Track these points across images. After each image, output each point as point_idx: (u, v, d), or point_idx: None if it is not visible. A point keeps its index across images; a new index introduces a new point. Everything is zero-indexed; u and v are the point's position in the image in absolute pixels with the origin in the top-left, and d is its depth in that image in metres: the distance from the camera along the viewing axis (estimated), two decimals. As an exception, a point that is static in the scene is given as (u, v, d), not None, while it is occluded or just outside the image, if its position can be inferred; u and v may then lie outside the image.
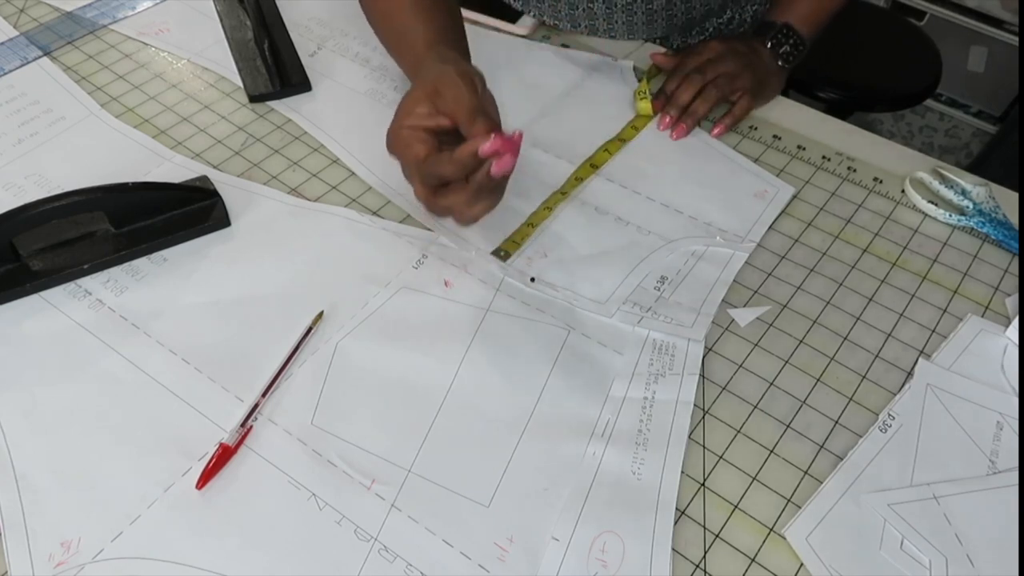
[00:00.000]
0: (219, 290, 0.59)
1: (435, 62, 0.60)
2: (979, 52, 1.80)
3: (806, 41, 0.78)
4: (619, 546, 0.47)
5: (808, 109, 0.78)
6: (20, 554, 0.45)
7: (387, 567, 0.46)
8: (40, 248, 0.59)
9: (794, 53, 0.77)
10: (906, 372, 0.56)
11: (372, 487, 0.49)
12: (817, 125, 0.76)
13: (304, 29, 0.83)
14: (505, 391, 0.54)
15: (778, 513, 0.49)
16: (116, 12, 0.84)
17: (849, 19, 1.40)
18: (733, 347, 0.57)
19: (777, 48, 0.77)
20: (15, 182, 0.67)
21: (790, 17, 0.77)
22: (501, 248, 0.63)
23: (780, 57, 0.77)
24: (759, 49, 0.77)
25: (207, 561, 0.45)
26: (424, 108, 0.57)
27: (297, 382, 0.54)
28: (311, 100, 0.76)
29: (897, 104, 1.44)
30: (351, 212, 0.65)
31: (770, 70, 0.77)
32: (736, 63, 0.75)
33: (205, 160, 0.69)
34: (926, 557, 0.46)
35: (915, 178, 0.69)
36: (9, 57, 0.78)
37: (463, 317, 0.58)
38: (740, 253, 0.63)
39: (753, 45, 0.77)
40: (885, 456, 0.51)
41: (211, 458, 0.49)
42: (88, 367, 0.54)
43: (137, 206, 0.61)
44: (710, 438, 0.52)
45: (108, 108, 0.74)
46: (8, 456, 0.49)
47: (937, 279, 0.63)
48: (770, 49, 0.77)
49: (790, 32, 0.77)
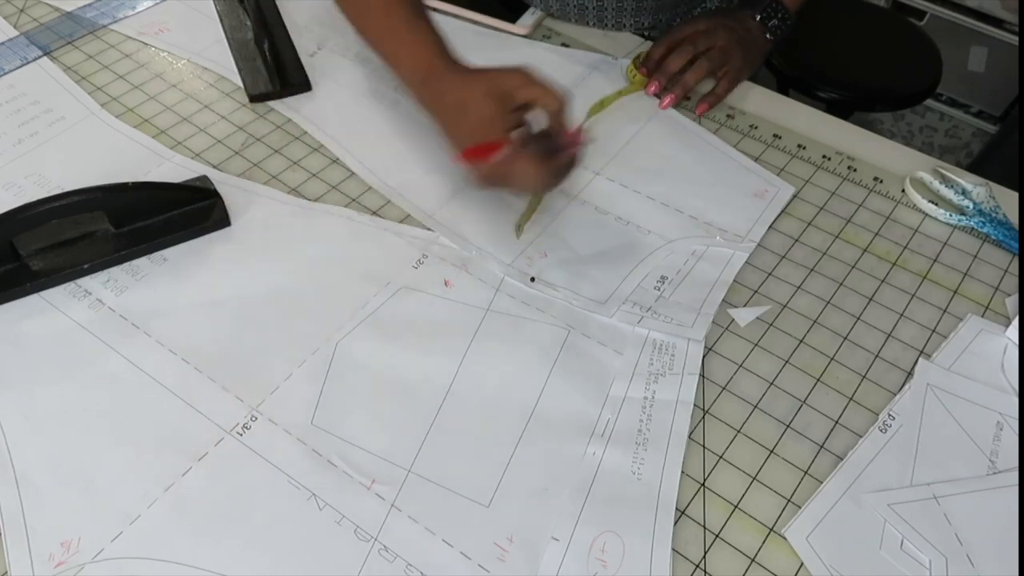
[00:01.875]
0: (219, 290, 0.59)
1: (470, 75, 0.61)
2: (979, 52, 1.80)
3: (792, 15, 0.80)
4: (619, 546, 0.47)
5: (808, 109, 0.78)
6: (20, 554, 0.45)
7: (387, 567, 0.46)
8: (40, 248, 0.59)
9: (782, 27, 0.79)
10: (906, 372, 0.56)
11: (372, 487, 0.49)
12: (817, 125, 0.76)
13: (304, 29, 0.83)
14: (505, 391, 0.54)
15: (778, 513, 0.49)
16: (116, 12, 0.84)
17: (849, 19, 1.41)
18: (733, 347, 0.57)
19: (766, 21, 0.78)
20: (15, 182, 0.67)
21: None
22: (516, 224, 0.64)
23: (768, 30, 0.79)
24: (748, 22, 0.78)
25: (207, 561, 0.45)
26: (501, 116, 0.58)
27: (297, 382, 0.54)
28: (311, 100, 0.76)
29: (897, 104, 1.44)
30: (351, 212, 0.65)
31: (757, 44, 0.78)
32: (727, 37, 0.76)
33: (205, 160, 0.69)
34: (926, 557, 0.46)
35: (915, 178, 0.69)
36: (9, 57, 0.78)
37: (463, 317, 0.58)
38: (740, 253, 0.63)
39: (742, 18, 0.78)
40: (885, 456, 0.51)
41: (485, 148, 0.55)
42: (88, 367, 0.54)
43: (137, 206, 0.61)
44: (710, 438, 0.52)
45: (108, 108, 0.74)
46: (8, 456, 0.49)
47: (937, 279, 0.63)
48: (759, 22, 0.78)
49: (778, 6, 0.79)
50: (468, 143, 0.59)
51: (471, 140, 0.59)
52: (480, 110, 0.59)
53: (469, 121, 0.59)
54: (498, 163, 0.58)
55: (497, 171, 0.59)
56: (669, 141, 0.73)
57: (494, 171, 0.59)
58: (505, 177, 0.59)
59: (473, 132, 0.59)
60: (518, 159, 0.58)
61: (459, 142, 0.61)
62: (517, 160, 0.58)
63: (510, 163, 0.58)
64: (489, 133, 0.58)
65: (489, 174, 0.59)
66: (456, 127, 0.61)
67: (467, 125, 0.60)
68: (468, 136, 0.60)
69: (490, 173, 0.59)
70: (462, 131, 0.60)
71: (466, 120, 0.60)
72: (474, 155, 0.59)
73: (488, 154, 0.58)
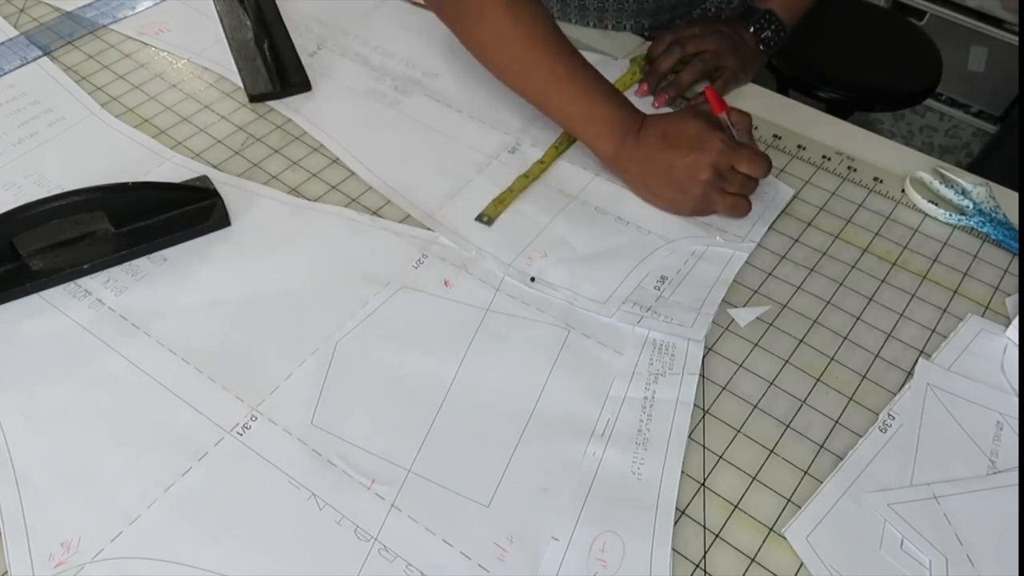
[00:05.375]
0: (219, 290, 0.59)
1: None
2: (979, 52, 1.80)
3: (787, 28, 0.80)
4: (619, 546, 0.47)
5: (808, 109, 0.78)
6: (20, 554, 0.45)
7: (387, 567, 0.46)
8: (40, 248, 0.59)
9: (775, 39, 0.80)
10: (906, 372, 0.56)
11: (372, 487, 0.49)
12: (817, 125, 0.76)
13: (304, 29, 0.83)
14: (505, 391, 0.54)
15: (778, 513, 0.49)
16: (116, 12, 0.84)
17: (849, 19, 1.41)
18: (733, 347, 0.57)
19: (759, 33, 0.79)
20: (15, 182, 0.67)
21: (773, 4, 0.80)
22: (483, 214, 0.65)
23: (762, 42, 0.79)
24: (742, 32, 0.79)
25: (207, 561, 0.45)
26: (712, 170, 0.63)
27: (297, 382, 0.54)
28: (311, 100, 0.76)
29: (897, 104, 1.44)
30: (351, 212, 0.65)
31: (751, 53, 0.79)
32: (719, 42, 0.77)
33: (205, 160, 0.69)
34: (926, 557, 0.46)
35: (915, 178, 0.69)
36: (9, 57, 0.78)
37: (463, 317, 0.58)
38: (740, 253, 0.63)
39: (736, 28, 0.79)
40: (885, 456, 0.51)
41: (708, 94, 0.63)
42: (88, 367, 0.54)
43: (137, 206, 0.61)
44: (710, 438, 0.52)
45: (108, 108, 0.74)
46: (8, 456, 0.49)
47: (937, 279, 0.63)
48: (752, 33, 0.79)
49: (772, 18, 0.79)
50: (688, 163, 0.63)
51: (691, 157, 0.63)
52: (692, 128, 0.64)
53: (686, 140, 0.63)
54: (724, 151, 0.62)
55: (725, 160, 0.62)
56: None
57: (721, 160, 0.62)
58: (733, 162, 0.62)
59: (692, 147, 0.63)
60: (742, 144, 0.64)
61: (678, 166, 0.63)
62: (742, 146, 0.63)
63: (737, 149, 0.63)
64: (709, 143, 0.62)
65: (717, 163, 0.62)
66: (670, 151, 0.64)
67: (683, 144, 0.63)
68: (686, 155, 0.63)
69: (718, 162, 0.62)
70: (678, 153, 0.63)
71: (682, 139, 0.63)
72: (714, 96, 0.65)
73: (721, 107, 0.65)
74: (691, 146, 0.63)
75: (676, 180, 0.63)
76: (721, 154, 0.62)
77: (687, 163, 0.62)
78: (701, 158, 0.62)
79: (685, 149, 0.63)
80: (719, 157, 0.62)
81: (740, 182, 0.63)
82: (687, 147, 0.63)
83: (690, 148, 0.63)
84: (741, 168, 0.63)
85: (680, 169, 0.63)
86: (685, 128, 0.64)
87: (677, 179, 0.63)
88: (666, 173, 0.64)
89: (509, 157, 0.71)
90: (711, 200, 0.64)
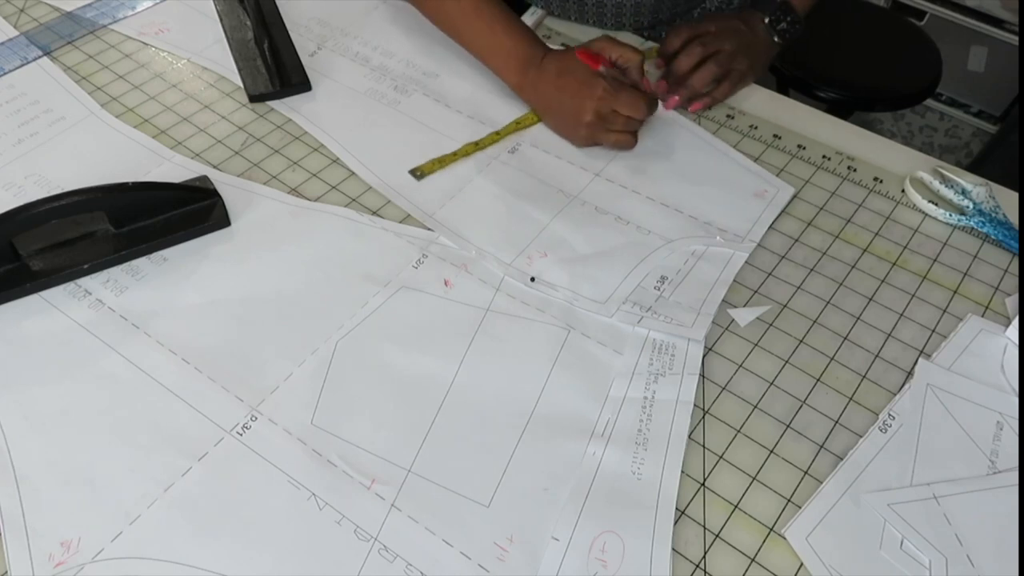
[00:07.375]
0: (219, 290, 0.59)
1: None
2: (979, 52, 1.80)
3: (801, 19, 0.79)
4: (619, 546, 0.47)
5: (808, 109, 0.78)
6: (20, 554, 0.45)
7: (387, 567, 0.46)
8: (40, 248, 0.59)
9: (791, 30, 0.79)
10: (906, 372, 0.56)
11: (372, 487, 0.49)
12: (817, 125, 0.76)
13: (304, 29, 0.83)
14: (505, 391, 0.54)
15: (778, 513, 0.49)
16: (116, 12, 0.84)
17: (849, 19, 1.41)
18: (733, 347, 0.57)
19: (775, 24, 0.78)
20: (15, 182, 0.67)
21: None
22: (418, 169, 0.68)
23: (777, 33, 0.78)
24: (756, 25, 0.78)
25: (207, 561, 0.45)
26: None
27: (297, 382, 0.54)
28: (311, 100, 0.76)
29: (897, 104, 1.44)
30: (351, 212, 0.65)
31: (764, 47, 0.78)
32: (735, 42, 0.75)
33: (205, 160, 0.69)
34: (926, 557, 0.46)
35: (915, 178, 0.69)
36: (9, 57, 0.78)
37: (463, 317, 0.58)
38: (740, 253, 0.63)
39: (751, 21, 0.78)
40: (885, 456, 0.51)
41: (592, 57, 0.69)
42: (88, 367, 0.54)
43: (137, 206, 0.61)
44: (710, 438, 0.52)
45: (108, 108, 0.74)
46: (8, 456, 0.49)
47: (937, 279, 0.63)
48: (768, 24, 0.78)
49: (788, 9, 0.78)
50: (575, 105, 0.69)
51: (577, 100, 0.69)
52: (580, 72, 0.69)
53: (574, 82, 0.69)
54: (604, 97, 0.68)
55: (605, 104, 0.68)
56: (669, 141, 0.73)
57: (602, 105, 0.68)
58: (614, 105, 0.68)
59: (578, 91, 0.69)
60: (622, 89, 0.68)
61: (567, 105, 0.70)
62: (622, 90, 0.68)
63: (616, 94, 0.68)
64: (591, 90, 0.68)
65: (599, 108, 0.68)
66: (562, 91, 0.70)
67: (572, 87, 0.69)
68: (573, 97, 0.69)
69: (599, 107, 0.68)
70: (567, 94, 0.69)
71: (571, 81, 0.69)
72: (585, 57, 0.70)
73: (595, 64, 0.69)
74: (576, 89, 0.69)
75: (565, 119, 0.71)
76: (601, 100, 0.68)
77: (573, 106, 0.69)
78: (584, 103, 0.68)
79: (571, 91, 0.69)
80: (599, 103, 0.68)
81: (623, 122, 0.69)
82: (573, 90, 0.69)
83: (575, 91, 0.69)
84: (622, 111, 0.68)
85: (568, 109, 0.70)
86: (575, 68, 0.69)
87: (566, 118, 0.71)
88: (558, 110, 0.71)
89: (509, 157, 0.71)
90: (598, 138, 0.70)
